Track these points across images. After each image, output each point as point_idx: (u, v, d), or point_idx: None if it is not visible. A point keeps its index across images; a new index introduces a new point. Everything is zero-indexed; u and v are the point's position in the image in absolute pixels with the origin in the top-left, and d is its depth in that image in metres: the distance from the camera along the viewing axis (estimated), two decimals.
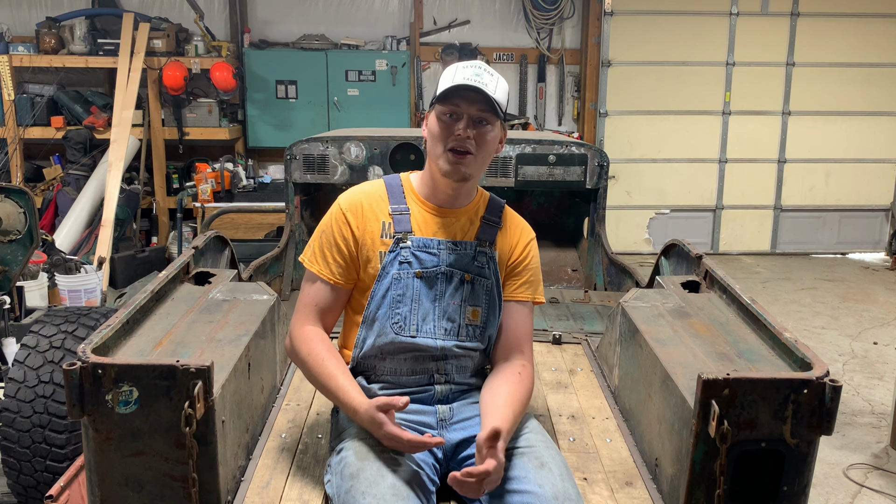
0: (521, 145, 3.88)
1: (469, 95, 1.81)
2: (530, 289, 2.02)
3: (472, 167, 1.87)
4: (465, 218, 1.98)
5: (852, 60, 8.06)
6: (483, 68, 1.84)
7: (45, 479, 2.72)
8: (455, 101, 1.82)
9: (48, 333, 2.83)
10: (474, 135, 1.83)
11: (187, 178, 7.41)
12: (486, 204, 2.02)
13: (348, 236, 1.92)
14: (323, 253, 1.94)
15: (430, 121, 1.89)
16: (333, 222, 1.94)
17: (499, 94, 1.83)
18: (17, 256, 3.56)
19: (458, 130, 1.81)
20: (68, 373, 1.54)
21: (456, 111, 1.83)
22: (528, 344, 2.01)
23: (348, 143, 3.87)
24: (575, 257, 4.40)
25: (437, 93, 1.85)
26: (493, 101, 1.81)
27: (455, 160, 1.84)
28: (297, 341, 1.93)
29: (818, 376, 1.58)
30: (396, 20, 8.08)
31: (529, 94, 8.25)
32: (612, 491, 1.91)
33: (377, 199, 1.96)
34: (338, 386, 1.83)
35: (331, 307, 1.96)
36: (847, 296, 6.83)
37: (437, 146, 1.86)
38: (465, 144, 1.82)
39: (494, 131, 1.87)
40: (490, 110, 1.82)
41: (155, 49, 7.19)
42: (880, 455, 3.90)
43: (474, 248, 1.95)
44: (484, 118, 1.83)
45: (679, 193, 8.35)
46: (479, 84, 1.80)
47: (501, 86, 1.86)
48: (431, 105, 1.88)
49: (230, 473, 1.81)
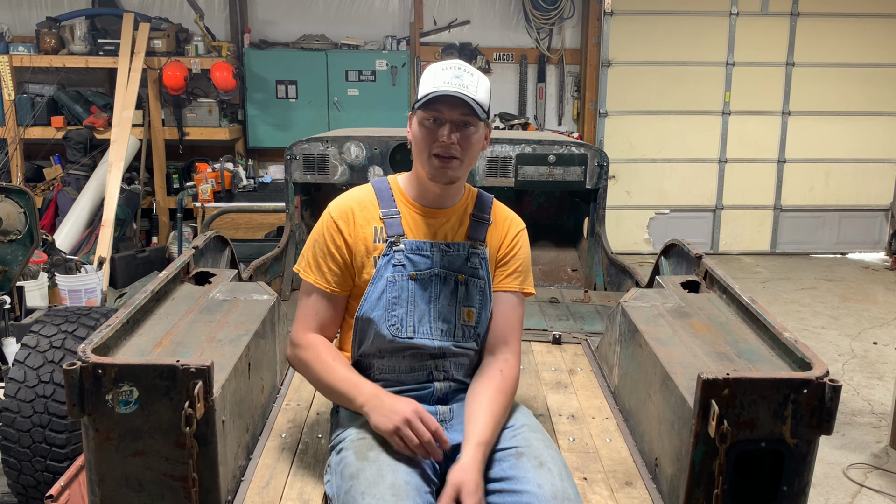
0: (521, 145, 3.88)
1: (451, 101, 1.80)
2: (518, 279, 2.02)
3: (459, 170, 1.88)
4: (454, 217, 1.98)
5: (852, 60, 8.06)
6: (463, 69, 1.84)
7: (45, 479, 2.72)
8: (437, 108, 1.82)
9: (48, 333, 2.83)
10: (458, 139, 1.83)
11: (187, 178, 7.41)
12: (474, 201, 2.03)
13: (341, 244, 1.93)
14: (317, 262, 1.94)
15: (413, 126, 1.90)
16: (325, 231, 1.95)
17: (480, 94, 1.84)
18: (17, 256, 3.56)
19: (443, 137, 1.82)
20: (68, 373, 1.54)
21: (439, 117, 1.83)
22: (514, 335, 2.01)
23: (348, 143, 3.87)
24: (575, 257, 4.40)
25: (418, 97, 1.85)
26: (475, 104, 1.81)
27: (441, 165, 1.84)
28: (300, 348, 1.93)
29: (818, 376, 1.58)
30: (396, 20, 8.08)
31: (529, 94, 8.25)
32: (611, 491, 1.92)
33: (367, 205, 1.97)
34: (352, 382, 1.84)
35: (331, 316, 1.96)
36: (847, 296, 6.83)
37: (422, 151, 1.87)
38: (450, 150, 1.83)
39: (478, 133, 1.88)
40: (472, 113, 1.82)
41: (155, 49, 7.20)
42: (880, 455, 3.90)
43: (467, 249, 1.96)
44: (467, 121, 1.84)
45: (679, 193, 8.36)
46: (459, 87, 1.80)
47: (482, 85, 1.86)
48: (413, 109, 1.88)
49: (230, 473, 1.81)
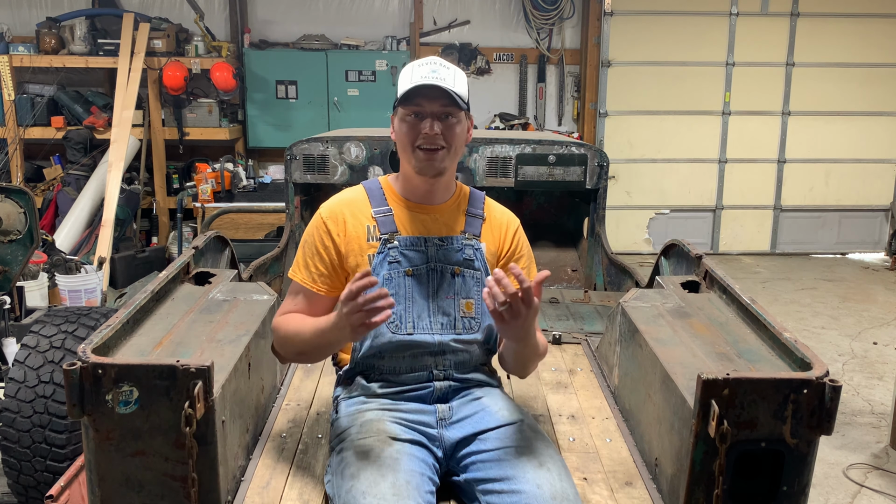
0: (521, 145, 3.88)
1: (429, 93, 1.82)
2: (527, 274, 2.03)
3: (446, 161, 1.89)
4: (448, 213, 1.99)
5: (852, 60, 8.06)
6: (438, 63, 1.86)
7: (45, 479, 2.72)
8: (417, 101, 1.84)
9: (48, 333, 2.83)
10: (441, 129, 1.84)
11: (187, 178, 7.41)
12: (466, 198, 2.04)
13: (329, 245, 1.94)
14: (305, 262, 1.96)
15: (395, 124, 1.91)
16: (315, 231, 1.96)
17: (458, 86, 1.85)
18: (17, 256, 3.56)
19: (425, 129, 1.84)
20: (68, 373, 1.54)
21: (419, 111, 1.85)
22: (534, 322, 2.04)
23: (348, 143, 3.87)
24: (575, 257, 4.40)
25: (397, 96, 1.87)
26: (454, 95, 1.83)
27: (426, 157, 1.86)
28: (274, 325, 1.96)
29: (818, 376, 1.58)
30: (396, 20, 8.08)
31: (529, 94, 8.25)
32: (611, 491, 1.92)
33: (358, 205, 1.98)
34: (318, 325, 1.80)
35: (311, 314, 1.92)
36: (847, 296, 6.83)
37: (406, 147, 1.88)
38: (435, 141, 1.85)
39: (461, 123, 1.89)
40: (452, 104, 1.84)
41: (155, 49, 7.19)
42: (880, 455, 3.90)
43: (461, 241, 1.97)
44: (448, 112, 1.85)
45: (679, 193, 8.36)
46: (436, 80, 1.81)
47: (459, 77, 1.88)
48: (394, 108, 1.90)
49: (230, 473, 1.81)
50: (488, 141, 3.91)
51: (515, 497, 1.67)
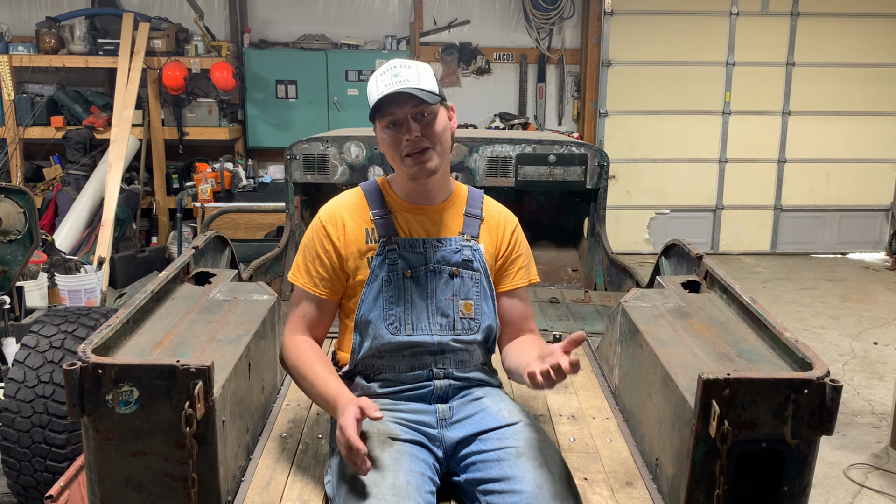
0: (521, 145, 3.88)
1: (397, 99, 1.81)
2: (525, 273, 2.07)
3: (436, 159, 1.88)
4: (445, 213, 1.99)
5: (852, 60, 8.06)
6: (399, 65, 1.85)
7: (45, 479, 2.72)
8: (389, 111, 1.83)
9: (48, 333, 2.83)
10: (422, 129, 1.84)
11: (187, 178, 7.41)
12: (465, 198, 2.04)
13: (329, 248, 1.94)
14: (306, 266, 1.96)
15: (378, 136, 1.91)
16: (315, 236, 1.97)
17: (424, 82, 1.84)
18: (17, 256, 3.55)
19: (406, 136, 1.83)
20: (68, 373, 1.54)
21: (394, 119, 1.84)
22: (532, 321, 2.08)
23: (348, 143, 3.87)
24: (575, 257, 4.40)
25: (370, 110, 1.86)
26: (422, 93, 1.81)
27: (415, 162, 1.85)
28: (286, 350, 1.96)
29: (818, 376, 1.58)
30: (396, 20, 8.08)
31: (529, 94, 8.24)
32: (612, 491, 1.91)
33: (357, 208, 1.98)
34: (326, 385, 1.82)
35: (318, 319, 1.98)
36: (847, 296, 6.83)
37: (394, 157, 1.88)
38: (419, 144, 1.84)
39: (440, 115, 1.88)
40: (422, 102, 1.83)
41: (155, 49, 7.19)
42: (880, 455, 3.90)
43: (459, 242, 1.97)
44: (421, 112, 1.84)
45: (679, 193, 8.36)
46: (400, 84, 1.80)
47: (423, 71, 1.86)
48: (372, 121, 1.90)
49: (230, 473, 1.80)
50: (488, 141, 3.90)
51: (516, 497, 1.67)
